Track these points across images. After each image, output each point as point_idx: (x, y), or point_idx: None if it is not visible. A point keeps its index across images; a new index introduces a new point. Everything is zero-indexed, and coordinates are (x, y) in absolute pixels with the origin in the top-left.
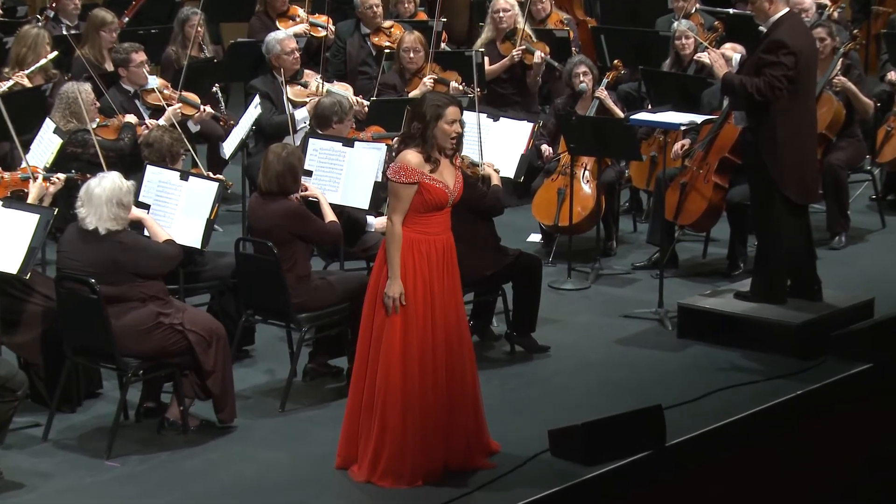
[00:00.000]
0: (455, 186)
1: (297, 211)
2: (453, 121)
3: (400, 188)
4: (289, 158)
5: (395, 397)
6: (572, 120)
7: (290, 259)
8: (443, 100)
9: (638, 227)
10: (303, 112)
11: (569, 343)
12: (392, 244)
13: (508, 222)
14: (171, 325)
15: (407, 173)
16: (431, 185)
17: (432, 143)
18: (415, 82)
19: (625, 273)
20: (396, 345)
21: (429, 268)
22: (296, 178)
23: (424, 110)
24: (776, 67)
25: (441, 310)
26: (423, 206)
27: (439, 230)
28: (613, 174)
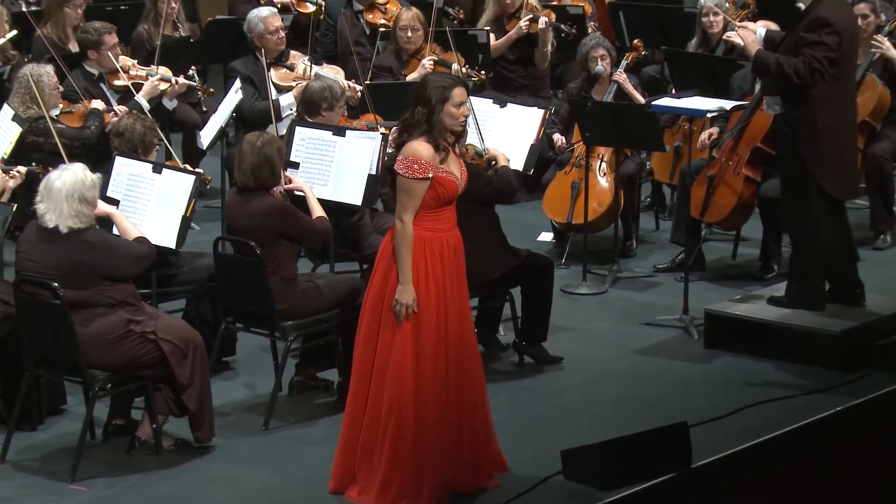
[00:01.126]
0: (462, 176)
1: (281, 207)
2: (460, 103)
3: (413, 185)
4: (264, 149)
5: (408, 412)
6: (588, 106)
7: (274, 260)
8: (448, 80)
9: (660, 225)
10: (288, 98)
11: (584, 354)
12: (403, 246)
13: (517, 220)
14: (142, 334)
15: (421, 167)
16: (444, 178)
17: (440, 128)
18: (413, 64)
19: (646, 276)
20: (408, 355)
21: (442, 268)
22: (273, 171)
23: (429, 93)
24: (817, 48)
25: (454, 315)
26: (436, 200)
27: (450, 225)
28: (633, 166)
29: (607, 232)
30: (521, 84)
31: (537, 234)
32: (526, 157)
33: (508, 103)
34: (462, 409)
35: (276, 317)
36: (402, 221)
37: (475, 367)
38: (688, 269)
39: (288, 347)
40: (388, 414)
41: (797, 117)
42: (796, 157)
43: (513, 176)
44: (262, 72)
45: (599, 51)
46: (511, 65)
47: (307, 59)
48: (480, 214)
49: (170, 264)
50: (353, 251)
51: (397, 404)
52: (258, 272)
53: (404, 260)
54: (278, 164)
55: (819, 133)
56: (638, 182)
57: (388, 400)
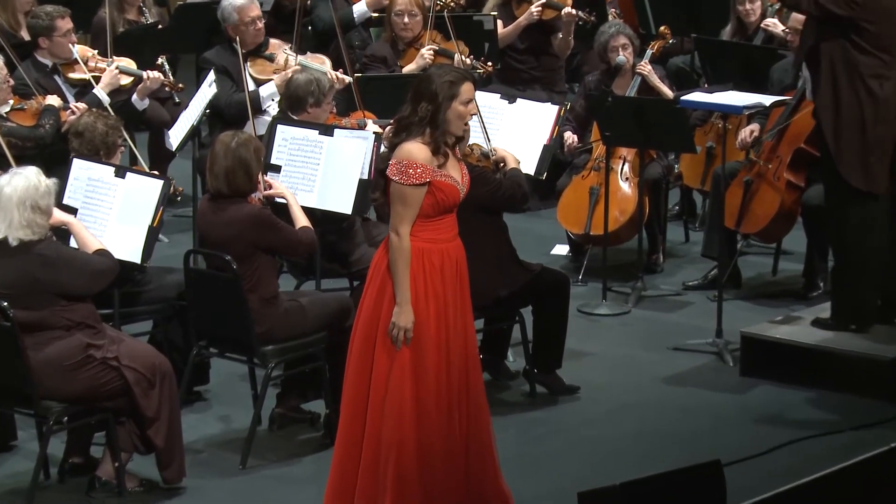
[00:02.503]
0: (464, 180)
1: (260, 216)
2: (468, 100)
3: (408, 191)
4: (239, 150)
5: (410, 449)
6: (608, 101)
7: (252, 276)
8: (455, 74)
9: (690, 236)
10: (270, 87)
11: (603, 382)
12: (399, 261)
13: (528, 230)
14: (103, 360)
15: (417, 172)
16: (444, 183)
17: (444, 129)
18: (410, 54)
19: (674, 294)
20: (408, 384)
21: (443, 283)
22: (250, 176)
23: (435, 88)
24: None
25: (457, 336)
26: (434, 208)
27: (450, 235)
28: (660, 170)
29: (630, 244)
30: (532, 77)
31: (551, 246)
32: (538, 159)
33: (518, 98)
34: (469, 441)
35: (255, 341)
36: (397, 234)
37: (479, 394)
38: (721, 287)
39: (268, 375)
40: (389, 451)
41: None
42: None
43: (524, 180)
44: (240, 64)
45: (621, 39)
46: (521, 55)
47: (289, 47)
48: (487, 224)
49: (134, 281)
50: (341, 266)
51: (398, 440)
52: (234, 290)
53: (401, 277)
54: (255, 168)
55: (841, 110)
56: (665, 188)
57: (388, 436)
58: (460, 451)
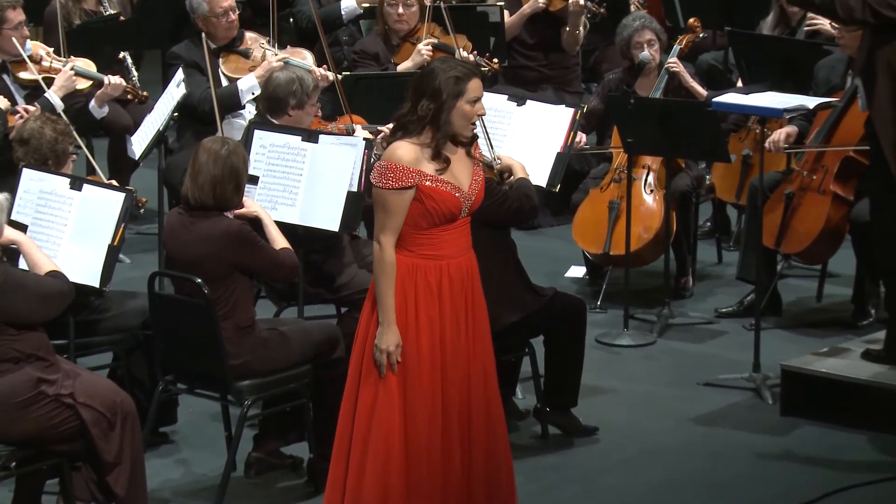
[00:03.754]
0: (472, 188)
1: (242, 232)
2: (476, 99)
3: (388, 196)
4: (231, 159)
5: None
6: (630, 103)
7: (227, 302)
8: (462, 69)
9: (724, 256)
10: (249, 80)
11: (625, 423)
12: (381, 275)
13: (539, 250)
14: (56, 397)
15: (396, 174)
16: (435, 190)
17: (447, 130)
18: (405, 50)
19: (705, 323)
20: (395, 415)
21: (439, 305)
22: (239, 187)
23: (439, 84)
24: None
25: (459, 362)
26: (427, 218)
27: (454, 250)
28: (689, 181)
29: (655, 266)
30: (543, 75)
31: (565, 268)
32: (550, 169)
33: (528, 100)
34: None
35: (230, 375)
36: (378, 244)
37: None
38: (759, 315)
39: (244, 415)
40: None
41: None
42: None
43: (533, 191)
44: (212, 60)
45: (646, 34)
46: (530, 51)
47: (266, 41)
48: (492, 241)
49: (92, 307)
50: (327, 291)
51: (382, 486)
52: (206, 317)
53: (383, 293)
54: (245, 179)
55: None
56: (695, 202)
57: (371, 480)
58: (462, 500)
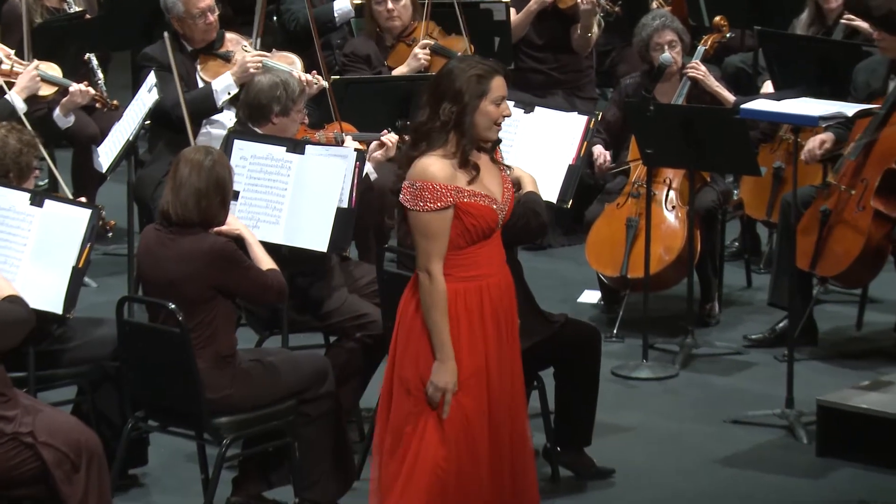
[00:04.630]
0: (505, 196)
1: (227, 250)
2: (500, 98)
3: (429, 220)
4: (216, 170)
5: None
6: (649, 110)
7: (207, 328)
8: (484, 67)
9: (754, 280)
10: (225, 80)
11: (644, 464)
12: (435, 308)
13: (550, 272)
14: (14, 436)
15: (434, 194)
16: (473, 206)
17: (472, 134)
18: (400, 51)
19: (733, 353)
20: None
21: (482, 329)
22: (224, 201)
23: (460, 85)
24: None
25: (505, 390)
26: (465, 237)
27: (492, 268)
28: (714, 197)
29: (678, 290)
30: (554, 80)
31: (578, 292)
32: (562, 182)
33: (536, 107)
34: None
35: (206, 410)
36: (428, 274)
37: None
38: (793, 344)
39: (222, 455)
40: None
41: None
42: None
43: (542, 206)
44: (189, 62)
45: (667, 35)
46: (539, 52)
47: (248, 43)
48: None
49: (54, 336)
50: (314, 318)
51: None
52: (181, 347)
53: (439, 326)
54: (231, 191)
55: None
56: (721, 219)
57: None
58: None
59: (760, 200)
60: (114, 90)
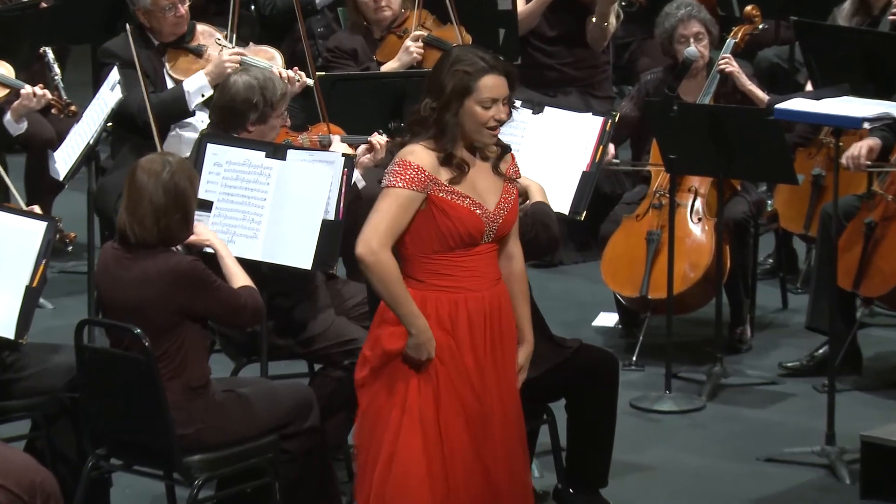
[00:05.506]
0: (500, 208)
1: (194, 270)
2: (490, 100)
3: (393, 196)
4: (175, 180)
5: None
6: (673, 111)
7: (175, 357)
8: (479, 62)
9: (790, 301)
10: (198, 79)
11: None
12: (383, 280)
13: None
14: None
15: (405, 173)
16: (449, 203)
17: (455, 135)
18: (390, 44)
19: (766, 383)
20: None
21: (458, 349)
22: (187, 216)
23: (444, 80)
24: None
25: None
26: (440, 240)
27: (476, 282)
28: (746, 208)
29: (705, 312)
30: (566, 76)
31: (593, 315)
32: (574, 192)
33: (546, 107)
34: None
35: (176, 448)
36: (369, 248)
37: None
38: (834, 373)
39: (194, 497)
40: None
41: None
42: None
43: (553, 219)
44: (155, 58)
45: (693, 26)
46: (551, 45)
47: (223, 36)
48: None
49: (6, 365)
50: (297, 343)
51: None
52: (148, 376)
53: (400, 298)
54: (194, 204)
55: None
56: (753, 233)
57: None
58: None
59: (797, 212)
60: (72, 88)
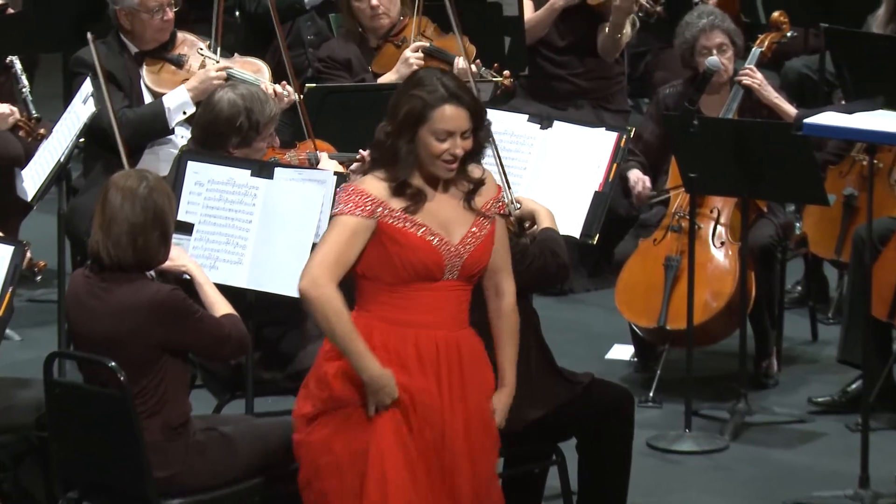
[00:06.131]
0: (466, 242)
1: (173, 301)
2: (444, 133)
3: (342, 224)
4: (153, 197)
5: None
6: (693, 126)
7: (154, 394)
8: (438, 89)
9: (821, 332)
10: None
11: None
12: (331, 318)
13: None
14: None
15: (356, 199)
16: (403, 232)
17: (409, 163)
18: (387, 54)
19: (795, 421)
20: None
21: (409, 392)
22: (165, 237)
23: (399, 104)
24: None
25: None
26: (394, 271)
27: (432, 318)
28: (772, 231)
29: (728, 344)
30: (578, 88)
31: (607, 347)
32: (586, 213)
33: (555, 121)
34: None
35: (153, 492)
36: (313, 282)
37: None
38: (868, 410)
39: None
40: None
41: None
42: None
43: (562, 245)
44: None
45: (716, 37)
46: (561, 55)
47: (206, 45)
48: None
49: None
50: (286, 377)
51: None
52: (123, 414)
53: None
54: (173, 223)
55: None
56: (781, 258)
57: None
58: None
59: (828, 235)
60: (41, 101)
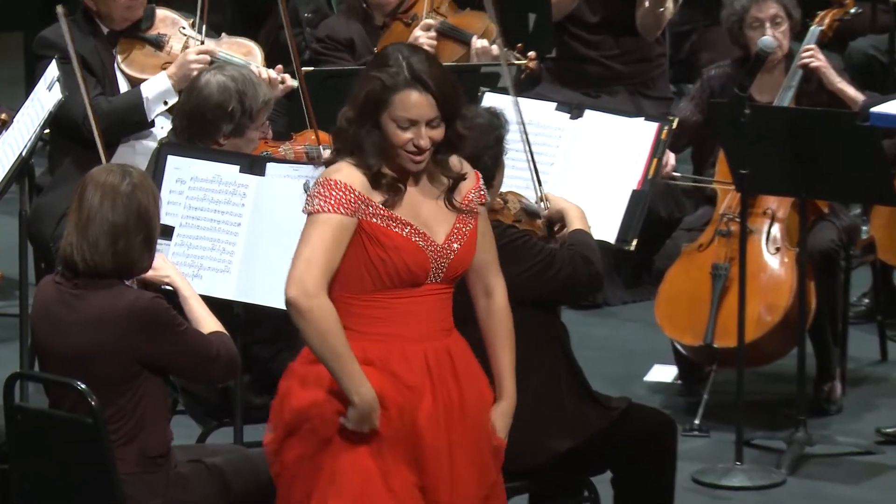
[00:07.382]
0: (451, 241)
1: (154, 311)
2: (409, 121)
3: (322, 223)
4: (136, 196)
5: None
6: (744, 115)
7: (128, 419)
8: (401, 71)
9: (890, 351)
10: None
11: None
12: (325, 333)
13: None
14: None
15: (336, 195)
16: (386, 231)
17: (373, 151)
18: (394, 34)
19: (861, 453)
20: None
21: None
22: (150, 239)
23: (359, 86)
24: None
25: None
26: (372, 275)
27: (416, 331)
28: (835, 235)
29: (784, 365)
30: (613, 72)
31: (646, 368)
32: (623, 215)
33: (587, 110)
34: None
35: None
36: (304, 291)
37: None
38: None
39: None
40: None
41: None
42: None
43: (595, 249)
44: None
45: (769, 7)
46: (593, 34)
47: (189, 24)
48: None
49: None
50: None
51: None
52: (95, 442)
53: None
54: (157, 228)
55: None
56: (845, 266)
57: None
58: None
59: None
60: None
